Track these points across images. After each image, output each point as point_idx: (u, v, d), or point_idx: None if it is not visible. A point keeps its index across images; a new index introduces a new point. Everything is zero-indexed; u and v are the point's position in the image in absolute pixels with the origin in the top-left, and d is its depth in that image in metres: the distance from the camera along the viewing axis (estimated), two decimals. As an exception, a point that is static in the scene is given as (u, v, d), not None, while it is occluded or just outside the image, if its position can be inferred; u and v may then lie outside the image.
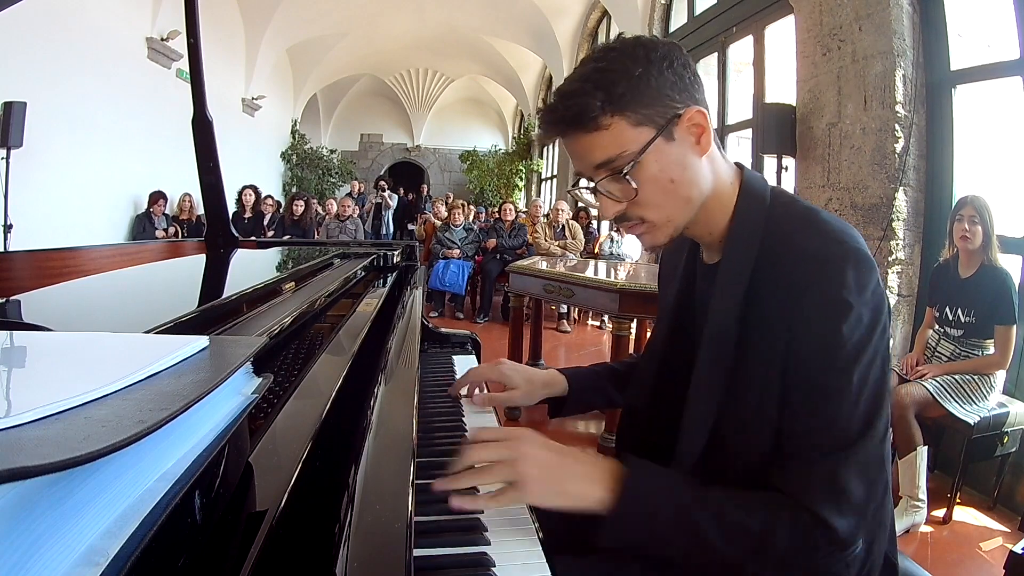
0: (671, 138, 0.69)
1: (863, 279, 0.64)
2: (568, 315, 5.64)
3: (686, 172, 0.71)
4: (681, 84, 0.69)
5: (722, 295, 0.72)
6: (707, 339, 0.72)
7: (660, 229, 0.73)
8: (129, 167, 5.70)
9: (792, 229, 0.69)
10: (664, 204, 0.72)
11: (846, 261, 0.64)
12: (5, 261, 1.51)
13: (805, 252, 0.66)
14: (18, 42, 4.22)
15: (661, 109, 0.68)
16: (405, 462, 0.63)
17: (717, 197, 0.74)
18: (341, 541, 0.47)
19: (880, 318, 0.65)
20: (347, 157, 12.63)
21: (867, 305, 0.64)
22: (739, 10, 4.38)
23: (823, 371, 0.64)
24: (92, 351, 0.42)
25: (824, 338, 0.64)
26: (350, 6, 8.60)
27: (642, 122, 0.68)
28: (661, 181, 0.70)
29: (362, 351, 0.83)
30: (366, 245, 2.40)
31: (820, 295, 0.64)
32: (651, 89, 0.68)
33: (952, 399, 2.23)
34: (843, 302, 0.63)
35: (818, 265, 0.65)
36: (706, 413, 0.71)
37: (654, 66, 0.68)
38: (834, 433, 0.64)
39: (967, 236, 2.30)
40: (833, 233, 0.67)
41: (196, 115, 1.62)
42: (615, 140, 0.69)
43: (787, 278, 0.66)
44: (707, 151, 0.71)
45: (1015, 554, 1.33)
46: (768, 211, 0.72)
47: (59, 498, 0.25)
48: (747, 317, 0.69)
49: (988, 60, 2.71)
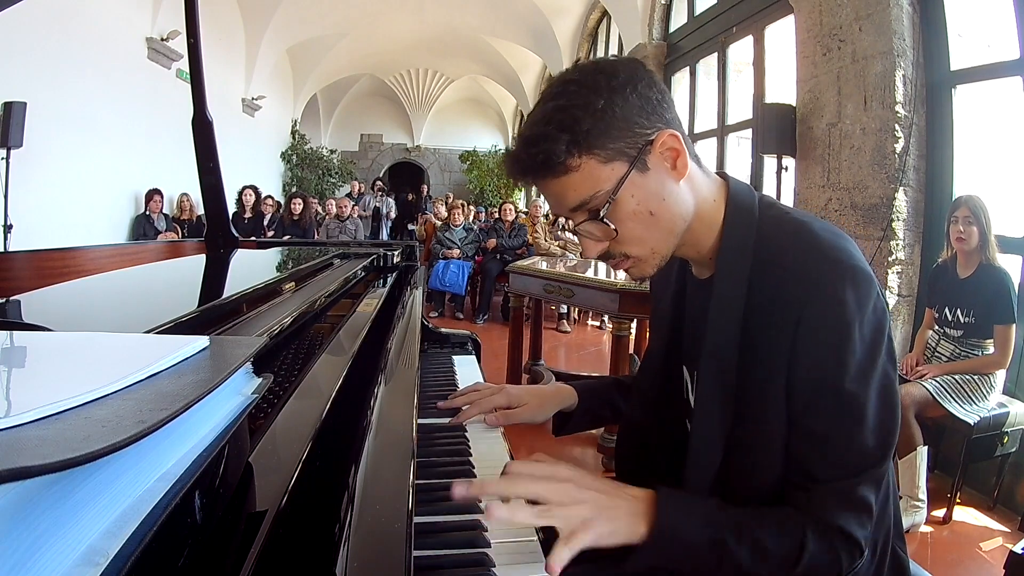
0: (645, 168, 0.67)
1: (862, 298, 0.63)
2: (568, 315, 5.64)
3: (665, 202, 0.69)
4: (648, 107, 0.66)
5: (719, 314, 0.70)
6: (708, 361, 0.70)
7: (646, 262, 0.72)
8: (129, 167, 5.70)
9: (785, 245, 0.68)
10: (646, 238, 0.70)
11: (843, 281, 0.62)
12: (5, 261, 1.51)
13: (800, 272, 0.64)
14: (18, 42, 4.22)
15: (631, 140, 0.66)
16: (405, 462, 0.63)
17: (700, 218, 0.72)
18: (341, 541, 0.47)
19: (883, 334, 0.65)
20: (347, 157, 12.63)
21: (869, 324, 0.63)
22: (739, 10, 4.38)
23: (835, 397, 0.63)
24: (92, 351, 0.42)
25: (830, 364, 0.63)
26: (350, 6, 8.59)
27: (612, 157, 0.66)
28: (640, 215, 0.68)
29: (362, 351, 0.83)
30: (366, 245, 2.40)
31: (820, 319, 0.63)
32: (617, 120, 0.65)
33: (952, 399, 2.23)
34: (844, 325, 0.62)
35: (814, 287, 0.63)
36: (714, 435, 0.70)
37: (617, 94, 0.65)
38: (855, 457, 0.64)
39: (963, 237, 2.30)
40: (828, 250, 0.65)
41: (196, 115, 1.61)
42: (587, 181, 0.66)
43: (783, 298, 0.65)
44: (685, 174, 0.69)
45: (1015, 554, 1.33)
46: (758, 224, 0.71)
47: (59, 498, 0.25)
48: (745, 339, 0.68)
49: (988, 60, 2.71)
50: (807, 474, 0.65)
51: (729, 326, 0.69)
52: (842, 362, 0.62)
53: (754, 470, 0.68)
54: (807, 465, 0.65)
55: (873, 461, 0.64)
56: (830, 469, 0.64)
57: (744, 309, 0.68)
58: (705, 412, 0.71)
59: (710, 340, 0.70)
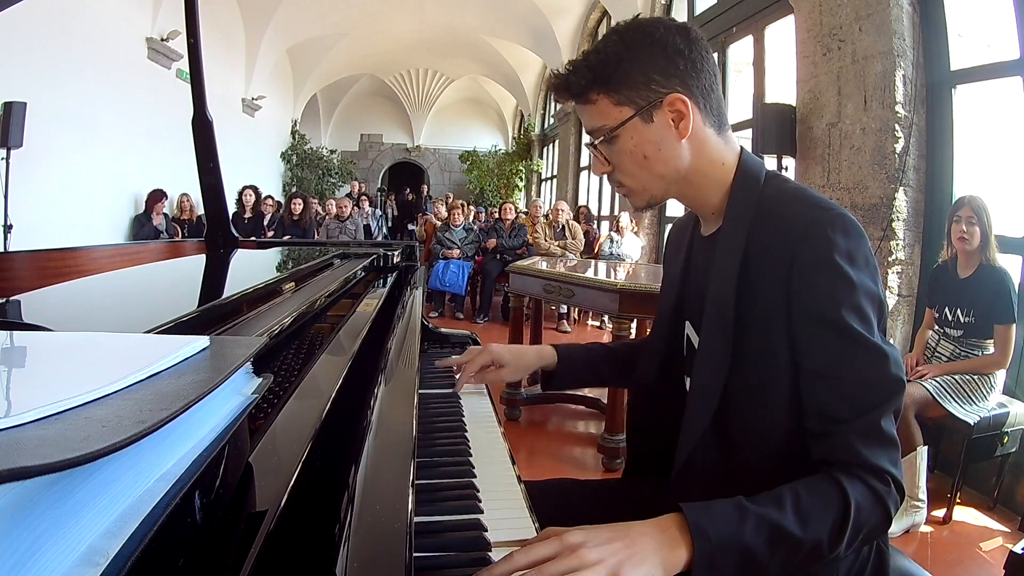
0: (649, 120, 0.75)
1: (852, 243, 0.67)
2: (568, 315, 5.64)
3: (660, 152, 0.76)
4: (672, 69, 0.74)
5: (720, 264, 0.75)
6: (709, 308, 0.75)
7: (637, 195, 0.81)
8: (129, 167, 5.70)
9: (782, 202, 0.74)
10: (637, 175, 0.79)
11: (834, 226, 0.68)
12: (5, 261, 1.51)
13: (793, 218, 0.70)
14: (18, 42, 4.22)
15: (644, 92, 0.74)
16: (405, 462, 0.63)
17: (704, 174, 0.78)
18: (341, 541, 0.47)
19: (876, 283, 0.68)
20: (347, 157, 12.63)
21: (861, 266, 0.67)
22: (739, 10, 4.38)
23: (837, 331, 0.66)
24: (92, 351, 0.42)
25: (825, 300, 0.66)
26: (350, 6, 8.60)
27: (623, 102, 0.75)
28: (635, 156, 0.77)
29: (362, 351, 0.83)
30: (366, 245, 2.40)
31: (811, 259, 0.67)
32: (635, 73, 0.74)
33: (952, 399, 2.23)
34: (835, 263, 0.66)
35: (806, 228, 0.68)
36: (713, 382, 0.73)
37: (644, 51, 0.74)
38: (871, 390, 0.66)
39: (965, 237, 2.29)
40: (820, 201, 0.72)
41: (196, 115, 1.62)
42: (600, 114, 0.77)
43: (777, 243, 0.70)
44: (686, 135, 0.75)
45: (1015, 554, 1.33)
46: (762, 189, 0.77)
47: (59, 498, 0.25)
48: (743, 285, 0.73)
49: (988, 60, 2.70)
50: (825, 417, 0.66)
51: (728, 273, 0.74)
52: (836, 298, 0.66)
53: (752, 415, 0.71)
54: (824, 408, 0.66)
55: (888, 390, 0.66)
56: (848, 407, 0.65)
57: (742, 258, 0.73)
58: (704, 358, 0.75)
59: (712, 290, 0.76)
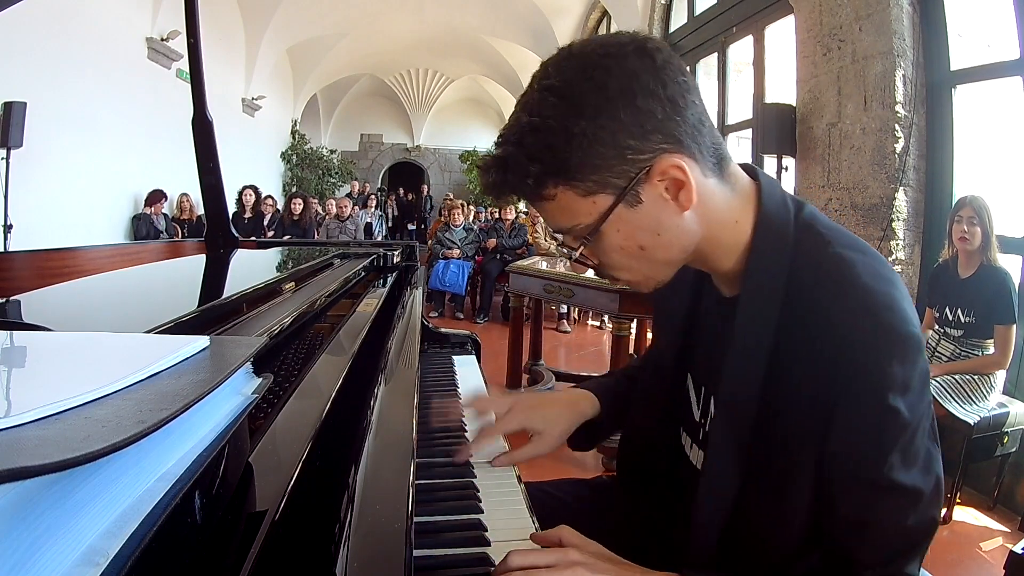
0: (636, 202, 0.57)
1: (908, 371, 0.54)
2: (568, 315, 5.64)
3: (660, 237, 0.59)
4: (649, 123, 0.54)
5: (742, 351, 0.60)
6: (725, 396, 0.62)
7: (640, 284, 0.64)
8: (129, 167, 5.69)
9: (825, 292, 0.56)
10: (637, 268, 0.62)
11: (891, 354, 0.53)
12: (5, 261, 1.51)
13: (842, 335, 0.54)
14: (18, 42, 4.21)
15: (620, 169, 0.55)
16: (405, 462, 0.63)
17: (717, 242, 0.62)
18: (341, 541, 0.47)
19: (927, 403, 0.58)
20: (347, 157, 12.62)
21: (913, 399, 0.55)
22: (739, 10, 4.38)
23: (876, 487, 0.56)
24: (92, 351, 0.42)
25: (870, 453, 0.55)
26: (350, 6, 8.59)
27: (594, 190, 0.56)
28: (629, 249, 0.59)
29: (362, 351, 0.83)
30: (366, 245, 2.40)
31: (861, 403, 0.54)
32: (601, 147, 0.54)
33: (952, 399, 2.23)
34: (887, 409, 0.53)
35: (857, 359, 0.53)
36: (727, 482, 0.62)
37: (604, 113, 0.53)
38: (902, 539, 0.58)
39: (966, 237, 2.30)
40: (876, 311, 0.54)
41: (196, 115, 1.61)
42: (564, 212, 0.58)
43: (821, 360, 0.55)
44: (689, 207, 0.57)
45: (1015, 554, 1.33)
46: (792, 252, 0.60)
47: (59, 498, 0.25)
48: (771, 382, 0.59)
49: (988, 60, 2.71)
50: (848, 559, 0.59)
51: (753, 370, 0.59)
52: (884, 448, 0.55)
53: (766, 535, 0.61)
54: (848, 552, 0.59)
55: (922, 532, 0.58)
56: (874, 554, 0.58)
57: (771, 352, 0.59)
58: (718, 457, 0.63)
59: (730, 377, 0.61)
